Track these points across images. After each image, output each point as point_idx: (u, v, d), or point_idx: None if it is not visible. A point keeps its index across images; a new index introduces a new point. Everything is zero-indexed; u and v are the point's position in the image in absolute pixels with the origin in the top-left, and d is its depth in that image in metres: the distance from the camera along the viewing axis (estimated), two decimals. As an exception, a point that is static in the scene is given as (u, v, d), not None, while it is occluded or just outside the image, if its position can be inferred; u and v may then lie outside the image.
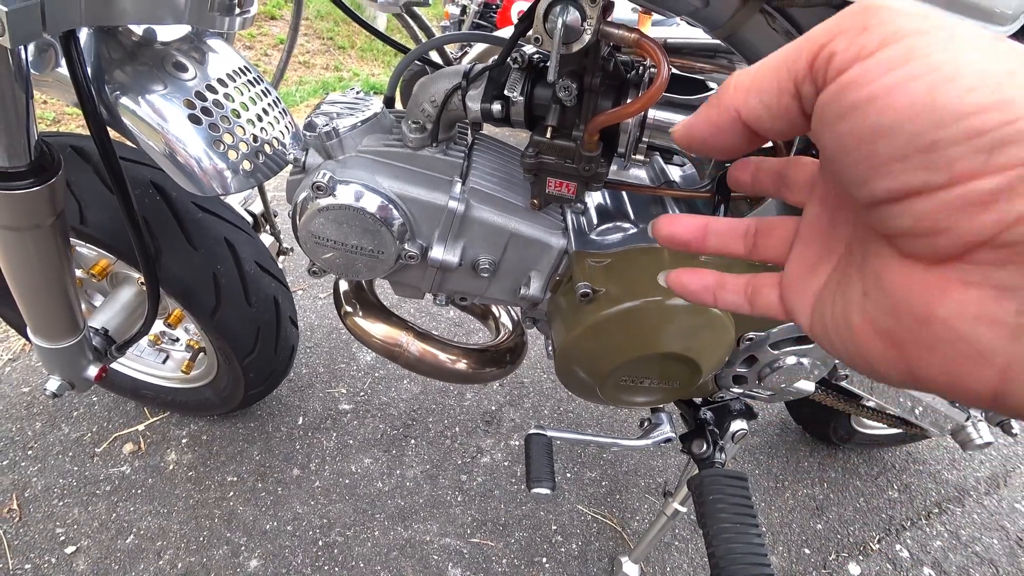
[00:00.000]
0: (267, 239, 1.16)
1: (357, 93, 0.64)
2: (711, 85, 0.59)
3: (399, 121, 0.61)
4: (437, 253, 0.61)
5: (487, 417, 1.40)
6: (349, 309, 0.82)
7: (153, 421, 1.27)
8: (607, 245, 0.62)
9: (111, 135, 0.59)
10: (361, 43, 4.58)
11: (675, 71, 0.63)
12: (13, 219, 0.61)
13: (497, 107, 0.53)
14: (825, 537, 1.27)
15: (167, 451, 1.22)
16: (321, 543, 1.10)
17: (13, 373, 1.32)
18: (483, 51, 2.24)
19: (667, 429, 0.84)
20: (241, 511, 1.13)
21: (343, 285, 0.84)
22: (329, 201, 0.56)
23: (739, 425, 0.79)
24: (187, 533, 1.09)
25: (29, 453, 1.18)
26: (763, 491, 1.34)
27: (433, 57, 0.76)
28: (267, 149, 0.71)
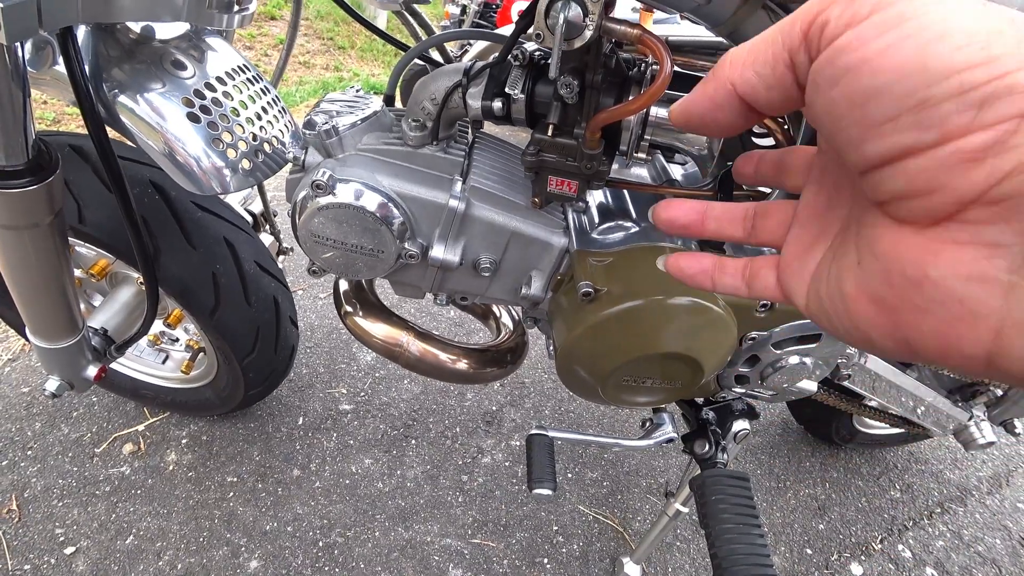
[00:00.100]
0: (267, 238, 1.16)
1: (357, 91, 0.64)
2: None
3: (399, 119, 0.61)
4: (438, 252, 0.60)
5: (488, 417, 1.40)
6: (349, 309, 0.81)
7: (153, 421, 1.27)
8: (609, 244, 0.62)
9: (109, 134, 0.59)
10: (361, 43, 4.58)
11: (677, 68, 0.62)
12: (11, 218, 0.60)
13: (498, 105, 0.52)
14: (827, 537, 1.27)
15: (167, 451, 1.22)
16: (321, 544, 1.10)
17: (12, 373, 1.31)
18: (483, 49, 2.24)
19: (669, 429, 0.84)
20: (241, 512, 1.13)
21: (343, 285, 0.83)
22: (329, 200, 0.56)
23: (741, 425, 0.79)
24: (187, 534, 1.08)
25: (28, 453, 1.17)
26: (765, 491, 1.34)
27: (433, 55, 0.75)
28: (266, 148, 0.71)
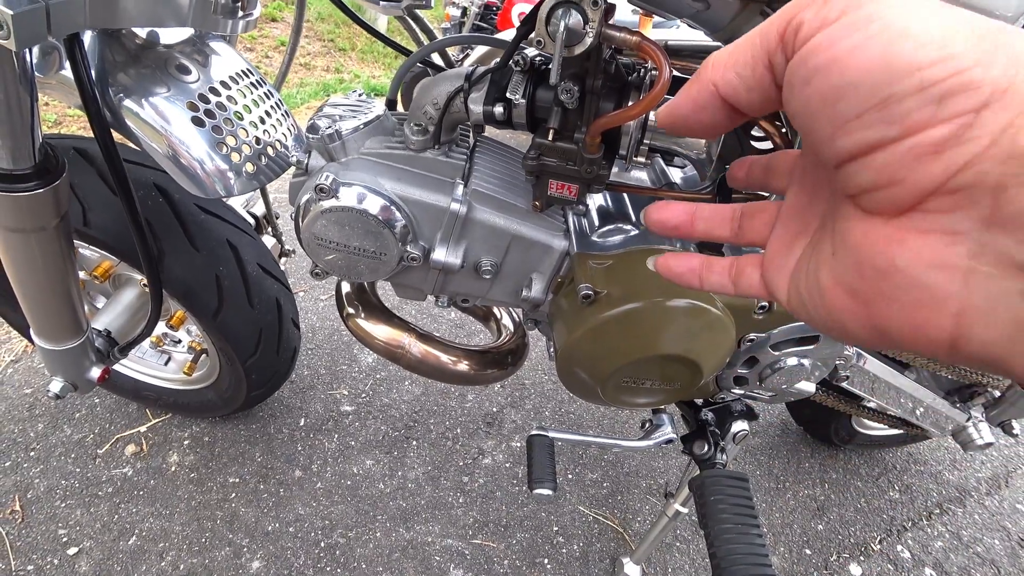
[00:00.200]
0: (269, 241, 1.16)
1: (359, 96, 0.65)
2: None
3: (401, 123, 0.61)
4: (439, 255, 0.61)
5: (488, 418, 1.40)
6: (351, 311, 0.82)
7: (155, 423, 1.27)
8: (608, 247, 0.62)
9: (114, 137, 0.59)
10: (362, 45, 4.59)
11: (676, 73, 0.63)
12: (17, 221, 0.61)
13: (499, 109, 0.53)
14: (826, 538, 1.27)
15: (169, 453, 1.22)
16: (323, 544, 1.10)
17: (16, 375, 1.32)
18: (484, 54, 2.25)
19: (668, 430, 0.84)
20: (243, 512, 1.13)
21: (345, 287, 0.84)
22: (332, 203, 0.56)
23: (740, 426, 0.79)
24: (189, 534, 1.09)
25: (31, 454, 1.18)
26: (764, 492, 1.34)
27: (435, 59, 0.76)
28: (270, 151, 0.71)
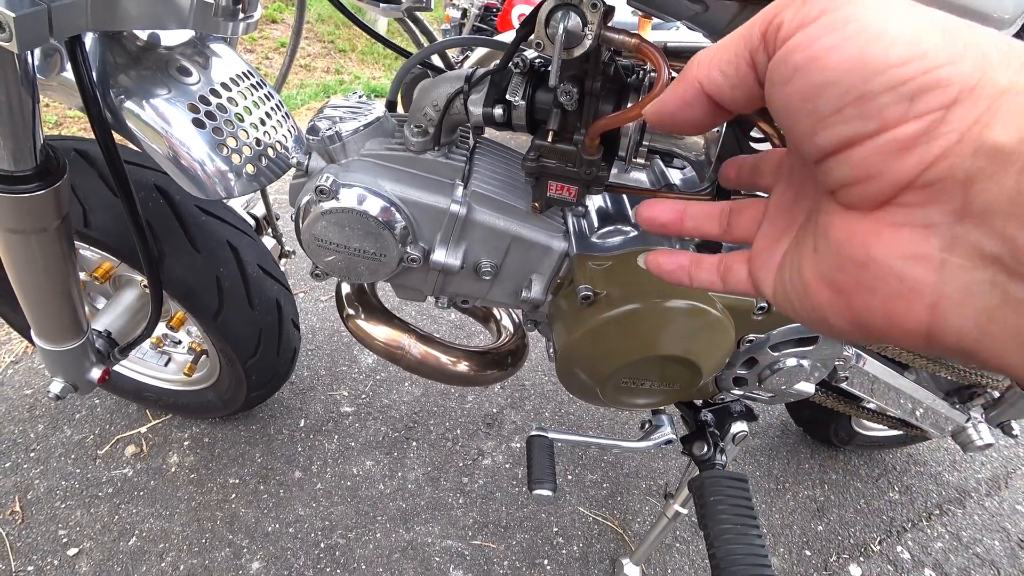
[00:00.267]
0: (269, 242, 1.16)
1: (359, 97, 0.65)
2: None
3: (401, 125, 0.61)
4: (439, 256, 0.61)
5: (488, 419, 1.40)
6: (351, 312, 0.82)
7: (155, 423, 1.28)
8: (608, 248, 0.63)
9: (115, 139, 0.60)
10: (362, 46, 4.59)
11: (675, 75, 0.63)
12: (18, 222, 0.61)
13: (499, 111, 0.53)
14: (826, 539, 1.27)
15: (169, 453, 1.22)
16: (323, 545, 1.10)
17: (16, 375, 1.32)
18: (484, 55, 2.25)
19: (668, 431, 0.85)
20: (243, 513, 1.14)
21: (345, 288, 0.84)
22: (332, 204, 0.56)
23: (740, 427, 0.79)
24: (189, 535, 1.09)
25: (32, 455, 1.18)
26: (764, 493, 1.34)
27: (435, 61, 0.76)
28: (270, 153, 0.72)
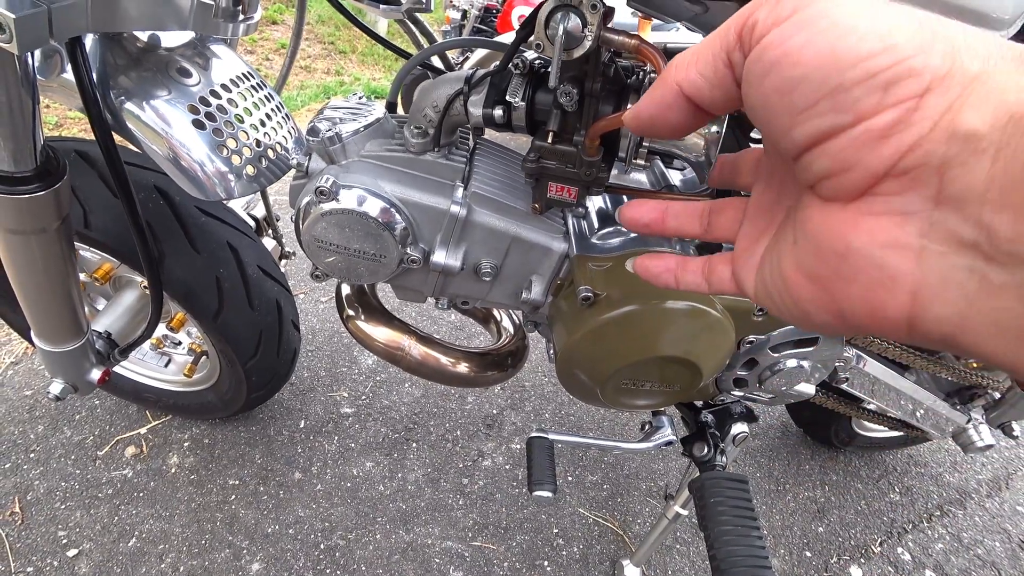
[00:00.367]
0: (269, 243, 1.16)
1: (360, 98, 0.65)
2: None
3: (401, 126, 0.61)
4: (439, 257, 0.61)
5: (488, 420, 1.40)
6: (351, 313, 0.82)
7: (155, 424, 1.28)
8: (608, 249, 0.63)
9: (115, 140, 0.60)
10: (362, 47, 4.60)
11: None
12: (19, 223, 0.61)
13: (499, 112, 0.53)
14: (827, 540, 1.27)
15: (169, 454, 1.22)
16: (323, 546, 1.10)
17: (16, 376, 1.32)
18: (484, 56, 2.25)
19: (668, 432, 0.85)
20: (243, 514, 1.13)
21: (345, 289, 0.84)
22: (332, 205, 0.56)
23: (740, 428, 0.79)
24: (189, 536, 1.09)
25: (31, 456, 1.18)
26: (764, 494, 1.34)
27: (435, 62, 0.76)
28: (270, 154, 0.72)
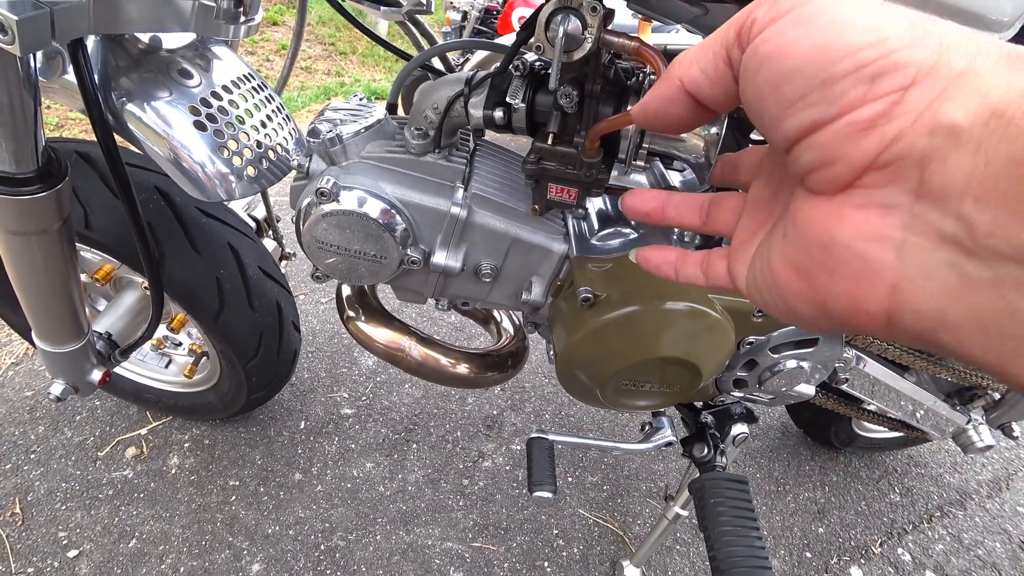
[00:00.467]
0: (270, 244, 1.17)
1: (360, 100, 0.65)
2: None
3: (402, 127, 0.62)
4: (439, 258, 0.61)
5: (488, 421, 1.40)
6: (351, 314, 0.82)
7: (156, 425, 1.28)
8: (608, 250, 0.63)
9: (117, 141, 0.60)
10: (363, 49, 4.60)
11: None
12: (20, 224, 0.61)
13: (499, 114, 0.53)
14: (827, 541, 1.27)
15: (169, 455, 1.22)
16: (323, 547, 1.10)
17: (16, 377, 1.32)
18: (484, 58, 2.26)
19: (668, 433, 0.85)
20: (243, 515, 1.14)
21: (345, 290, 0.84)
22: (333, 207, 0.57)
23: (740, 429, 0.79)
24: (189, 537, 1.09)
25: (32, 457, 1.18)
26: (764, 495, 1.34)
27: (435, 64, 0.77)
28: (271, 155, 0.72)
